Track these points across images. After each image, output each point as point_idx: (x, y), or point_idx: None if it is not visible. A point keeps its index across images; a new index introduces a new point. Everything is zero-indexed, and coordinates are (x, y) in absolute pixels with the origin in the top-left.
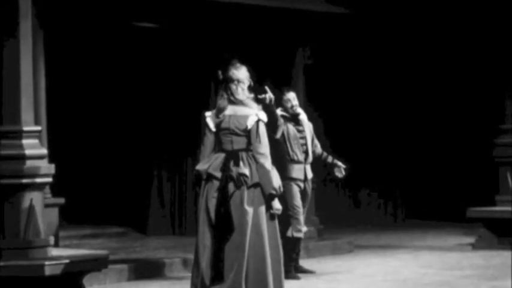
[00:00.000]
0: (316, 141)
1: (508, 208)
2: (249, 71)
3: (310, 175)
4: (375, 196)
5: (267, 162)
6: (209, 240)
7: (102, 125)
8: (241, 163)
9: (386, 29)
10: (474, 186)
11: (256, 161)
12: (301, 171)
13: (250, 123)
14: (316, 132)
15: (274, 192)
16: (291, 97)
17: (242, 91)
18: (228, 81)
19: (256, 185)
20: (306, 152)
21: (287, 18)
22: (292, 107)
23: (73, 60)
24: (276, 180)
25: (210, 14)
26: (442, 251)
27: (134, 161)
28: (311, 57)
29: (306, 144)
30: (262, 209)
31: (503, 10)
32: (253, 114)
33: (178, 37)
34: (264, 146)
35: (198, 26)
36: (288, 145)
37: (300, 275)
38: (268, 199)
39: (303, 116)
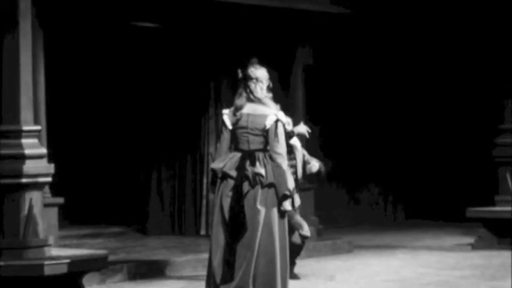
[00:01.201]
0: (307, 158)
1: (508, 208)
2: (269, 72)
3: (298, 203)
4: (375, 196)
5: (284, 162)
6: (222, 239)
7: (102, 125)
8: (257, 163)
9: (386, 29)
10: (474, 186)
11: (273, 160)
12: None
13: (269, 122)
14: (315, 133)
15: (288, 193)
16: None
17: (261, 90)
18: (246, 80)
19: (270, 185)
20: (295, 180)
21: (287, 18)
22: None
23: (73, 60)
24: (291, 182)
25: (210, 14)
26: (442, 251)
27: (134, 161)
28: (311, 57)
29: (295, 173)
30: (275, 210)
31: (503, 10)
32: (272, 114)
33: (178, 37)
34: (281, 146)
35: (198, 26)
36: None
37: (299, 274)
38: (281, 199)
39: (297, 144)
